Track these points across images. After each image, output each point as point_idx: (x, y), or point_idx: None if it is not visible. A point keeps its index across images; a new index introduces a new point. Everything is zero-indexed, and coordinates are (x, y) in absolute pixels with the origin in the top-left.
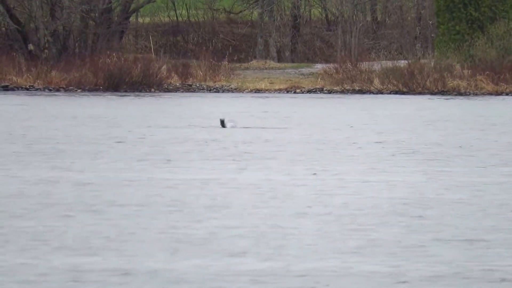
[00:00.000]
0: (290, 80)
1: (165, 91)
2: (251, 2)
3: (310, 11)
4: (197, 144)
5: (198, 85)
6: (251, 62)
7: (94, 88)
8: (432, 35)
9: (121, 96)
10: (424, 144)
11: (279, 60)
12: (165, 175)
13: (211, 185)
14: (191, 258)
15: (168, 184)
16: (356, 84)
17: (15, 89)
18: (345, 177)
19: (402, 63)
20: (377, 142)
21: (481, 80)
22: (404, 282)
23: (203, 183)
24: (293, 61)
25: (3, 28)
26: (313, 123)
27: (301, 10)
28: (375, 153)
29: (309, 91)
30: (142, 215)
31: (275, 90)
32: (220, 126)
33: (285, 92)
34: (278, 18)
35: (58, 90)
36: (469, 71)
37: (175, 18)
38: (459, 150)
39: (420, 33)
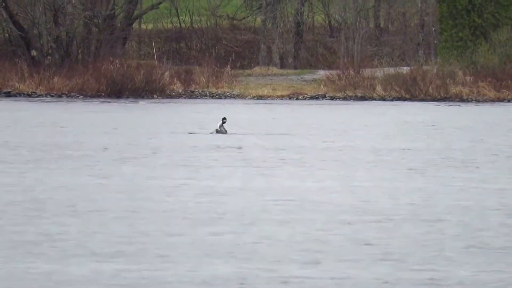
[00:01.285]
0: (292, 86)
1: (168, 98)
2: (254, 8)
3: (313, 17)
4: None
5: (200, 92)
6: (254, 69)
7: (96, 94)
8: (435, 41)
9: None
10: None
11: (282, 66)
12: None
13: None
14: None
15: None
16: (358, 91)
17: (17, 95)
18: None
19: (405, 69)
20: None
21: (483, 87)
22: None
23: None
24: (295, 68)
25: (6, 34)
26: (335, 129)
27: (304, 17)
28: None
29: (312, 98)
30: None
31: (278, 97)
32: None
33: (288, 98)
34: (281, 24)
35: (60, 96)
36: (471, 77)
37: (178, 24)
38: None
39: (423, 39)
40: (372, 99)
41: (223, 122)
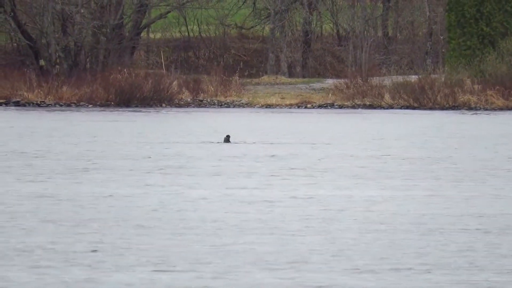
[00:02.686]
0: (301, 95)
1: (176, 107)
2: (263, 17)
3: (321, 26)
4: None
5: (209, 101)
6: (262, 77)
7: (105, 103)
8: (443, 50)
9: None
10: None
11: (290, 75)
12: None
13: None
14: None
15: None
16: (366, 99)
17: (26, 104)
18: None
19: (413, 78)
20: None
21: (491, 95)
22: None
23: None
24: (304, 76)
25: (15, 44)
26: (365, 138)
27: (312, 26)
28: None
29: (320, 106)
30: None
31: (286, 105)
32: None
33: (296, 107)
34: (289, 33)
35: (69, 106)
36: (480, 86)
37: (187, 33)
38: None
39: (431, 48)
40: (381, 107)
41: (228, 137)
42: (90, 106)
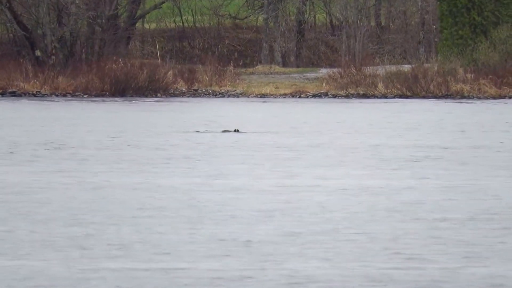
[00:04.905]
0: (295, 84)
1: (171, 96)
2: (257, 7)
3: (314, 16)
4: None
5: (203, 90)
6: (256, 67)
7: (101, 93)
8: (436, 39)
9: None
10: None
11: (284, 65)
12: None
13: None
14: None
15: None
16: (360, 89)
17: (22, 95)
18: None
19: (406, 67)
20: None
21: (484, 84)
22: None
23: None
24: (298, 66)
25: (11, 34)
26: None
27: (305, 16)
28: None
29: (314, 96)
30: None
31: (280, 95)
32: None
33: (290, 96)
34: (283, 23)
35: (65, 96)
36: (472, 75)
37: (181, 23)
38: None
39: (423, 37)
40: (374, 96)
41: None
42: (86, 96)
